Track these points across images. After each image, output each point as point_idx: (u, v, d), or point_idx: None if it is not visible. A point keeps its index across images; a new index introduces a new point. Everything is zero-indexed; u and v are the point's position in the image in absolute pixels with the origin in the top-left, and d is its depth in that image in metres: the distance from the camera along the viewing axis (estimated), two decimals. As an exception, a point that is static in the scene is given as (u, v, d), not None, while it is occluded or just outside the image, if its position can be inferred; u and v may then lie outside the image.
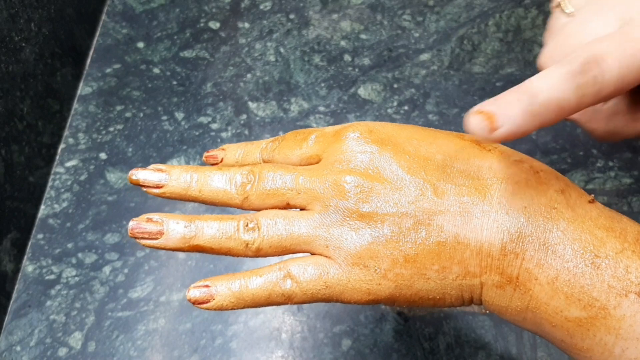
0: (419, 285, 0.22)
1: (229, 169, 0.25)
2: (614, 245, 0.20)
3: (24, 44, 0.45)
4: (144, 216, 0.24)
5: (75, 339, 0.40)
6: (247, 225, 0.23)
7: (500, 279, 0.21)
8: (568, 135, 0.47)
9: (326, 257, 0.23)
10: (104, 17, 0.57)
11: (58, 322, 0.40)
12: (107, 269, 0.42)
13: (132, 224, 0.23)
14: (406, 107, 0.49)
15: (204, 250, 0.24)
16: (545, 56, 0.27)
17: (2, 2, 0.42)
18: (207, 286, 0.23)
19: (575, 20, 0.25)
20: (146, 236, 0.23)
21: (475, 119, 0.20)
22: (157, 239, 0.23)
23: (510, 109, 0.20)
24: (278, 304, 0.23)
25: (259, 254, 0.24)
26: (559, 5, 0.27)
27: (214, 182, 0.24)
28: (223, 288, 0.23)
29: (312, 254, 0.24)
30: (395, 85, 0.50)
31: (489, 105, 0.20)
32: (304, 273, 0.23)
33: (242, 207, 0.25)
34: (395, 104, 0.49)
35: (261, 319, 0.40)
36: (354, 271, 0.22)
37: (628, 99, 0.26)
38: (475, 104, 0.20)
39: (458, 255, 0.22)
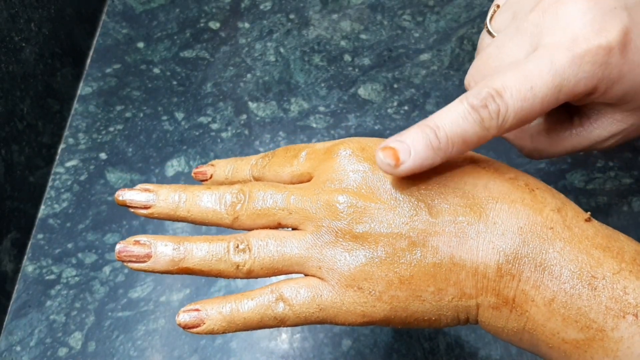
0: (415, 307, 0.22)
1: (218, 188, 0.24)
2: (611, 265, 0.20)
3: (24, 44, 0.45)
4: (131, 239, 0.23)
5: (75, 339, 0.40)
6: (237, 247, 0.23)
7: (496, 300, 0.21)
8: (568, 135, 0.47)
9: (319, 278, 0.23)
10: (104, 17, 0.57)
11: (58, 322, 0.40)
12: (107, 269, 0.42)
13: (118, 247, 0.23)
14: (406, 107, 0.49)
15: (193, 272, 0.23)
16: (468, 77, 0.28)
17: (2, 2, 0.42)
18: (197, 310, 0.23)
19: (494, 42, 0.26)
20: (133, 259, 0.23)
21: (380, 155, 0.21)
22: (144, 262, 0.23)
23: (415, 144, 0.21)
24: (271, 327, 0.23)
25: (250, 275, 0.23)
26: (486, 25, 0.28)
27: (202, 202, 0.24)
28: (214, 312, 0.23)
29: (305, 275, 0.23)
30: (395, 85, 0.50)
31: (393, 141, 0.21)
32: (296, 296, 0.22)
33: (233, 227, 0.24)
34: (395, 104, 0.49)
35: (261, 319, 0.40)
36: (348, 293, 0.22)
37: (548, 121, 0.27)
38: (475, 104, 0.21)
39: (454, 277, 0.21)
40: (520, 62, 0.22)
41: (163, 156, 0.48)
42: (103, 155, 0.48)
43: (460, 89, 0.50)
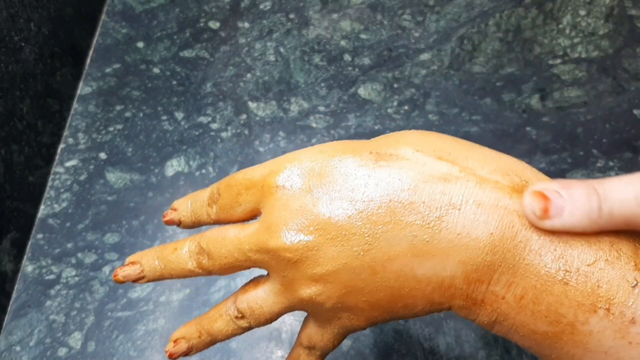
0: (390, 318, 0.23)
1: (182, 247, 0.26)
2: (586, 257, 0.19)
3: (23, 44, 0.45)
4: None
5: (75, 339, 0.40)
6: (236, 317, 0.25)
7: (465, 303, 0.21)
8: (568, 135, 0.47)
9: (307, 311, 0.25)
10: (103, 16, 0.57)
11: (58, 322, 0.40)
12: (106, 269, 0.42)
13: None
14: (406, 107, 0.49)
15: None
16: None
17: (2, 2, 0.42)
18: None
19: None
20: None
21: (528, 198, 0.19)
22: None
23: (575, 204, 0.19)
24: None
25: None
26: None
27: (175, 265, 0.26)
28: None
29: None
30: (395, 85, 0.50)
31: (551, 190, 0.19)
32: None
33: (210, 275, 0.26)
34: (395, 103, 0.49)
35: (261, 319, 0.40)
36: (331, 324, 0.24)
37: None
38: (476, 103, 0.20)
39: (420, 293, 0.21)
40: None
41: (163, 156, 0.48)
42: (103, 155, 0.48)
43: (460, 89, 0.50)
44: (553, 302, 0.19)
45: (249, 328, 0.26)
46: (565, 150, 0.46)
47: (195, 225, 0.27)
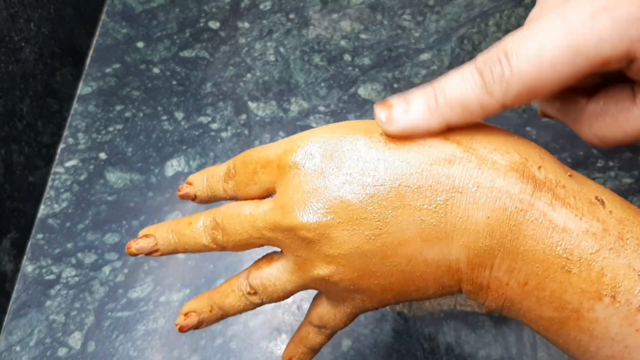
0: (403, 300, 0.23)
1: (197, 224, 0.26)
2: (589, 244, 0.19)
3: (23, 44, 0.45)
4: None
5: (75, 339, 0.40)
6: (248, 293, 0.25)
7: (472, 287, 0.22)
8: (568, 135, 0.47)
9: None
10: (103, 16, 0.57)
11: (58, 322, 0.40)
12: (106, 269, 0.42)
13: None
14: (406, 107, 0.49)
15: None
16: None
17: (2, 2, 0.42)
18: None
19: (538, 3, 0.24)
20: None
21: (376, 108, 0.21)
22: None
23: (414, 102, 0.21)
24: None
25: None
26: None
27: (189, 239, 0.26)
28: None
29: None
30: (396, 85, 0.50)
31: (395, 97, 0.21)
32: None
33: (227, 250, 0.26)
34: (395, 103, 0.49)
35: (261, 319, 0.40)
36: (341, 306, 0.25)
37: (607, 102, 0.22)
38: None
39: (431, 277, 0.22)
40: (533, 21, 0.20)
41: (163, 156, 0.48)
42: (103, 155, 0.48)
43: (460, 89, 0.50)
44: (557, 289, 0.19)
45: (261, 304, 0.26)
46: (565, 150, 0.46)
47: (211, 200, 0.27)
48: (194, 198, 0.28)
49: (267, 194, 0.25)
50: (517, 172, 0.20)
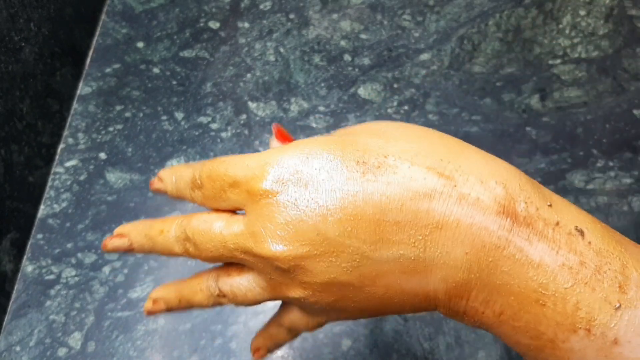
0: (381, 315, 0.24)
1: (169, 232, 0.26)
2: (564, 279, 0.19)
3: (23, 44, 0.45)
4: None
5: (75, 339, 0.40)
6: (218, 295, 0.25)
7: (449, 312, 0.22)
8: (568, 135, 0.47)
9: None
10: (103, 16, 0.57)
11: (57, 322, 0.40)
12: (106, 269, 0.42)
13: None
14: (406, 107, 0.49)
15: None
16: None
17: (2, 2, 0.42)
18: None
19: None
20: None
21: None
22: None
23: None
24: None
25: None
26: None
27: (162, 247, 0.26)
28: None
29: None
30: (395, 85, 0.50)
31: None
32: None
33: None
34: (395, 103, 0.49)
35: (261, 319, 0.40)
36: (319, 316, 0.26)
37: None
38: (476, 104, 0.20)
39: (407, 303, 0.22)
40: None
41: (163, 156, 0.48)
42: (103, 155, 0.48)
43: (460, 89, 0.50)
44: (531, 321, 0.19)
45: (230, 304, 0.26)
46: (565, 150, 0.46)
47: (181, 199, 0.28)
48: (165, 193, 0.28)
49: (238, 209, 0.25)
50: (497, 206, 0.20)
